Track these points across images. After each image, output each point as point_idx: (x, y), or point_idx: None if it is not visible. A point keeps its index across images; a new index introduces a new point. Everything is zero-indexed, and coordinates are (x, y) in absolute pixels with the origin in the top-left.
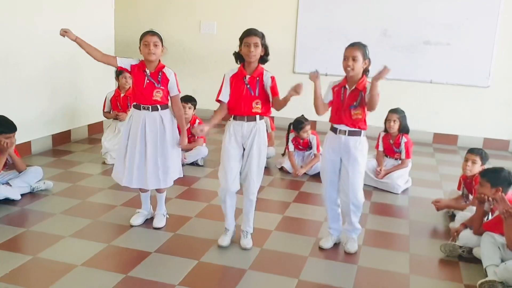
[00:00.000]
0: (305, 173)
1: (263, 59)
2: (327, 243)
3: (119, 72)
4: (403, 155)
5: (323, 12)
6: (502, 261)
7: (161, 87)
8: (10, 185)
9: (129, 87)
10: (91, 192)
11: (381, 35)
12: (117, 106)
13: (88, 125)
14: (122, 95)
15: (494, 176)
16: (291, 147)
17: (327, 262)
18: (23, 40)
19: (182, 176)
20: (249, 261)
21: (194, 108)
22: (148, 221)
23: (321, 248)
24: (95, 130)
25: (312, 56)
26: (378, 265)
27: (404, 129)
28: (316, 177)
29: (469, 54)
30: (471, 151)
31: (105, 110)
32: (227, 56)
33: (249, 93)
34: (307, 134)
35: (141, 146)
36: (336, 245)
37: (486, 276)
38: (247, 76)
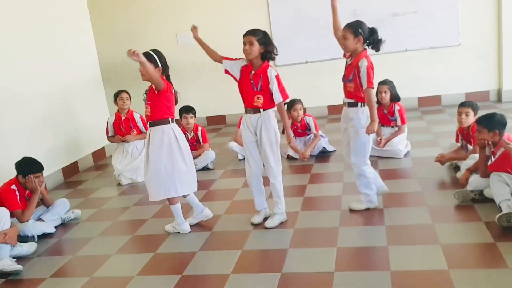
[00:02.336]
0: (311, 156)
1: (264, 55)
2: (359, 205)
3: (116, 94)
4: (398, 122)
5: (292, 3)
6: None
7: (148, 102)
8: (43, 220)
9: (128, 108)
10: (118, 213)
11: (351, 15)
12: (120, 129)
13: (92, 153)
14: (123, 117)
15: (489, 121)
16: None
17: (358, 228)
18: (20, 86)
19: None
20: (288, 241)
21: (195, 117)
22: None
23: (352, 210)
24: (99, 156)
25: (290, 47)
26: (403, 221)
27: (395, 98)
28: (321, 158)
29: (436, 17)
30: (463, 104)
31: (108, 135)
32: (207, 63)
33: (252, 88)
34: (298, 113)
35: (155, 161)
36: (365, 210)
37: (501, 211)
38: (252, 72)
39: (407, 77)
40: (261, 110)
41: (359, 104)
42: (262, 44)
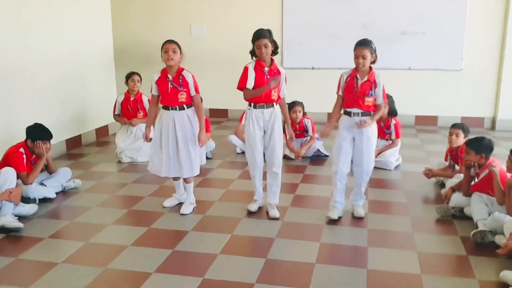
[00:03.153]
0: (305, 157)
1: (274, 51)
2: (334, 214)
3: (128, 75)
4: (393, 136)
5: (306, 10)
6: (489, 215)
7: (183, 89)
8: (45, 185)
9: (138, 90)
10: (117, 188)
11: (361, 28)
12: (127, 109)
13: (96, 129)
14: (132, 98)
15: (477, 145)
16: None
17: (342, 228)
18: (36, 55)
19: (204, 163)
20: (275, 231)
21: None
22: (178, 207)
23: (330, 219)
24: (102, 133)
25: (299, 51)
26: (385, 227)
27: (392, 112)
28: (316, 161)
29: (443, 41)
30: (454, 126)
31: (115, 113)
32: (217, 57)
33: (269, 83)
34: (297, 115)
35: (173, 141)
36: (341, 217)
37: (477, 228)
38: (266, 69)
39: (407, 94)
40: (275, 104)
41: (372, 113)
42: (272, 42)
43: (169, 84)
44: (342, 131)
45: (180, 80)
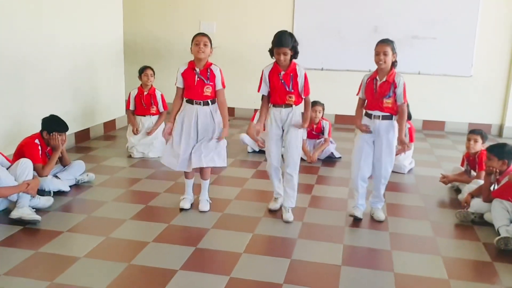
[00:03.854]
0: (318, 159)
1: (292, 57)
2: (359, 213)
3: (141, 70)
4: (407, 140)
5: (317, 11)
6: (511, 222)
7: (210, 83)
8: (59, 178)
9: (151, 85)
10: (131, 183)
11: (372, 31)
12: (141, 104)
13: (104, 123)
14: (145, 93)
15: (500, 151)
16: (304, 135)
17: (363, 230)
18: (50, 46)
19: (225, 165)
20: (296, 232)
21: None
22: (194, 204)
23: (354, 218)
24: (110, 127)
25: (309, 52)
26: (406, 231)
27: (408, 116)
28: (328, 162)
29: (453, 47)
30: (473, 132)
31: (130, 108)
32: (226, 55)
33: (284, 88)
34: (316, 114)
35: (194, 135)
36: (361, 219)
37: (499, 235)
38: (282, 73)
39: (416, 99)
40: (293, 105)
41: (394, 117)
42: (292, 49)
43: (196, 76)
44: (362, 133)
45: (208, 74)
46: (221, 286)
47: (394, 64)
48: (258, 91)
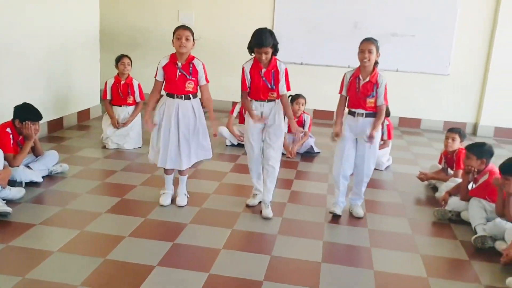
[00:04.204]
0: (297, 153)
1: (273, 52)
2: (338, 210)
3: (118, 58)
4: (385, 136)
5: (298, 5)
6: (487, 221)
7: (192, 78)
8: (31, 168)
9: (128, 74)
10: (106, 174)
11: (352, 27)
12: (117, 93)
13: (78, 112)
14: (122, 82)
15: (479, 150)
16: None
17: (343, 227)
18: (23, 32)
19: (210, 157)
20: (276, 228)
21: None
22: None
23: (334, 215)
24: (84, 117)
25: (289, 46)
26: (385, 228)
27: (386, 113)
28: (307, 157)
29: (432, 45)
30: (451, 130)
31: (107, 98)
32: (205, 46)
33: (266, 85)
34: (299, 107)
35: (175, 131)
36: (340, 215)
37: (476, 233)
38: (263, 70)
39: (393, 96)
40: (275, 100)
41: (376, 114)
42: (273, 46)
43: (178, 71)
44: (345, 131)
45: (190, 69)
46: (200, 283)
47: (376, 63)
48: (243, 89)
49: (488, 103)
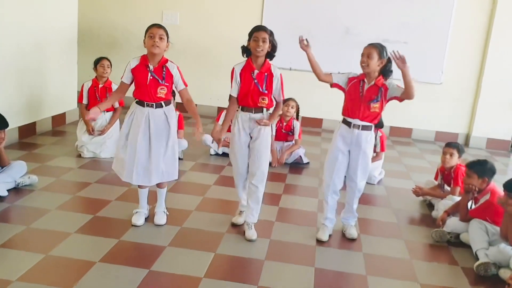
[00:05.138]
0: (285, 163)
1: (270, 54)
2: (325, 236)
3: (97, 60)
4: (378, 148)
5: (288, 8)
6: (489, 245)
7: (165, 83)
8: None
9: (107, 77)
10: (79, 187)
11: (343, 32)
12: (95, 97)
13: (52, 117)
14: (100, 85)
15: (481, 168)
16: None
17: (335, 250)
18: None
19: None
20: (263, 252)
21: (174, 100)
22: (148, 218)
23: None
24: (59, 122)
25: (278, 51)
26: (381, 251)
27: (378, 124)
28: (295, 169)
29: (424, 53)
30: (449, 145)
31: (83, 102)
32: (189, 48)
33: (257, 89)
34: (288, 109)
35: (144, 143)
36: (331, 235)
37: (477, 259)
38: (255, 72)
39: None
40: (264, 110)
41: (373, 127)
42: (271, 42)
43: (149, 74)
44: (337, 141)
45: (164, 72)
46: None
47: (384, 72)
48: (232, 93)
49: (480, 114)
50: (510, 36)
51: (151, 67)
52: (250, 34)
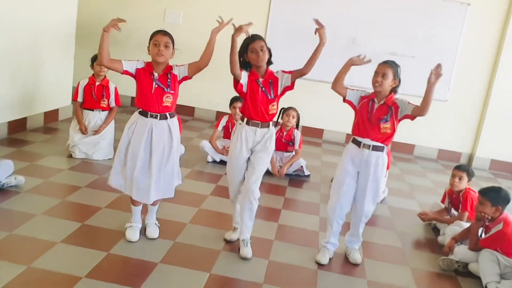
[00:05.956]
0: (285, 175)
1: (268, 60)
2: (325, 259)
3: (94, 58)
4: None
5: (294, 14)
6: (501, 277)
7: (171, 91)
8: None
9: (105, 75)
10: (68, 191)
11: (350, 42)
12: (91, 95)
13: (45, 113)
14: (97, 83)
15: (495, 196)
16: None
17: (338, 276)
18: None
19: (181, 182)
20: (261, 274)
21: None
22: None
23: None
24: (51, 118)
25: (282, 56)
26: (386, 279)
27: None
28: (295, 181)
29: (432, 68)
30: (459, 167)
31: (77, 100)
32: (191, 48)
33: (266, 96)
34: (289, 119)
35: (144, 157)
36: (331, 258)
37: None
38: (261, 79)
39: None
40: (270, 124)
41: (385, 148)
42: (268, 48)
43: (154, 83)
44: (346, 163)
45: (169, 80)
46: None
47: (395, 90)
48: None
49: (485, 134)
50: None
51: (156, 74)
52: (245, 46)
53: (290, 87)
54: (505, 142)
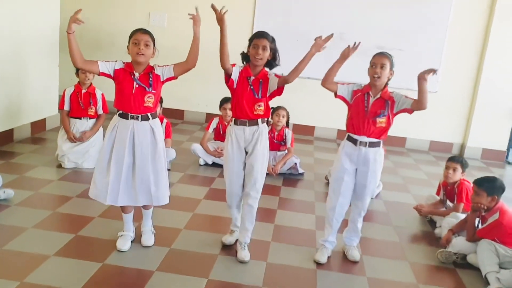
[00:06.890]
0: (279, 173)
1: (270, 64)
2: (323, 257)
3: None
4: None
5: (280, 13)
6: (500, 267)
7: (152, 91)
8: None
9: (90, 83)
10: (59, 202)
11: (337, 38)
12: (78, 103)
13: (31, 123)
14: (83, 91)
15: (490, 186)
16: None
17: (337, 274)
18: None
19: (167, 202)
20: (260, 277)
21: (161, 106)
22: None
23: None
24: (38, 128)
25: None
26: (385, 275)
27: None
28: (290, 180)
29: (420, 61)
30: (452, 159)
31: (64, 108)
32: (177, 51)
33: (252, 95)
34: (279, 119)
35: (129, 160)
36: (330, 256)
37: (487, 282)
38: (252, 77)
39: None
40: (259, 122)
41: (381, 143)
42: (272, 50)
43: (135, 83)
44: (343, 161)
45: (150, 79)
46: None
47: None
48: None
49: (476, 124)
50: (507, 45)
51: (136, 74)
52: (251, 40)
53: (277, 92)
54: (495, 131)
